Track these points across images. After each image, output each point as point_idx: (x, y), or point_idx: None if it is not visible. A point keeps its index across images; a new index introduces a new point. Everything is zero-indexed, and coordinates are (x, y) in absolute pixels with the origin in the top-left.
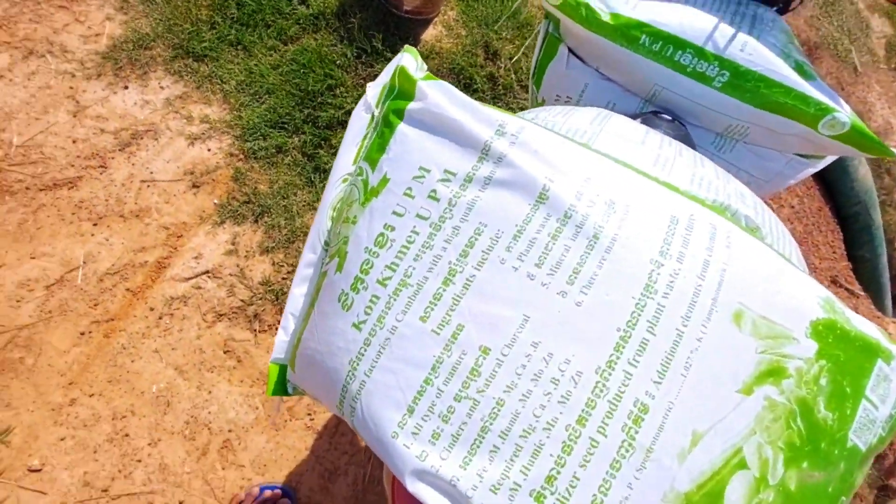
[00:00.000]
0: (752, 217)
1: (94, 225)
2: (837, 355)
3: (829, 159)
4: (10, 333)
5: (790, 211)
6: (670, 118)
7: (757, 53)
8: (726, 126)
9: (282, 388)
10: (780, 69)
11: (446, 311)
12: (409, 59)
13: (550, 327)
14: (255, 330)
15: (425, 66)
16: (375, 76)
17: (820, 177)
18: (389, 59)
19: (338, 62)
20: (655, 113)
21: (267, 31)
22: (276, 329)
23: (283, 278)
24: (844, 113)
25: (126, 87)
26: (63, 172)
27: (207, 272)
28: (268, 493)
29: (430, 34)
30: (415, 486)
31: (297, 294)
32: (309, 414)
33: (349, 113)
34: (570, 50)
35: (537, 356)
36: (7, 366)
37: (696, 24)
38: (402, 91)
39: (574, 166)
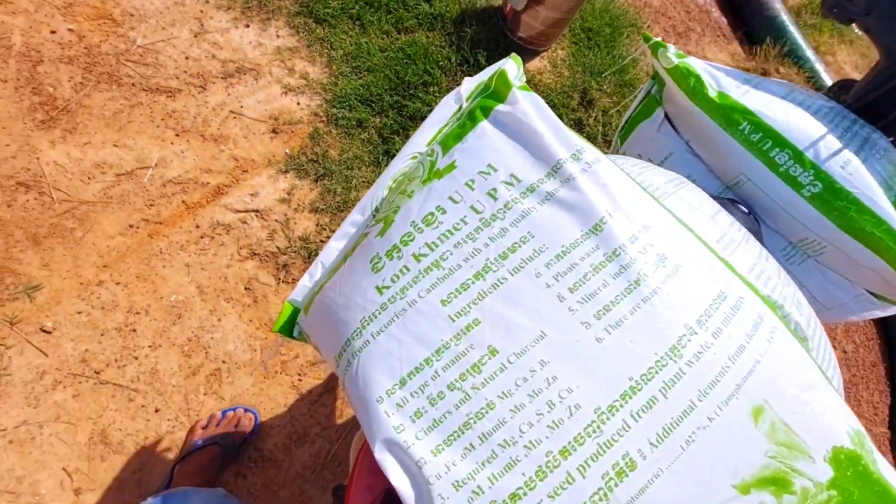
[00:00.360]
0: (803, 326)
1: (177, 136)
2: (851, 492)
3: None
4: (72, 204)
5: (841, 355)
6: (746, 211)
7: (858, 175)
8: (802, 238)
9: (288, 328)
10: (877, 198)
11: (468, 303)
12: (511, 66)
13: (564, 352)
14: (279, 278)
15: (524, 78)
16: None
17: (884, 328)
18: None
19: (440, 63)
20: (733, 201)
21: (387, 17)
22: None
23: (322, 240)
24: None
25: (247, 26)
26: (168, 81)
27: (257, 211)
28: (230, 414)
29: (534, 65)
30: (382, 455)
31: (334, 247)
32: (299, 374)
33: None
34: (666, 115)
35: (541, 375)
36: (59, 231)
37: (802, 127)
38: (495, 91)
39: (637, 211)
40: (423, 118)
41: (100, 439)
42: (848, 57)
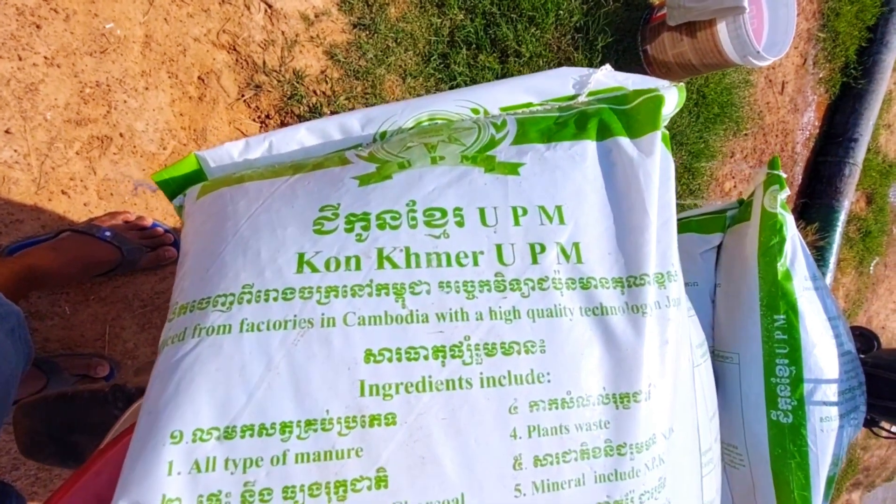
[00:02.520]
0: None
1: None
2: None
3: None
4: None
5: None
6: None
7: (825, 436)
8: (732, 443)
9: (174, 186)
10: (822, 466)
11: (401, 382)
12: (672, 96)
13: None
14: (243, 96)
15: (667, 120)
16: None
17: None
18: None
19: (560, 11)
20: None
21: None
22: (258, 118)
23: (316, 91)
24: None
25: None
26: None
27: (269, 5)
28: (158, 229)
29: None
30: None
31: (299, 138)
32: None
33: (530, 60)
34: (719, 244)
35: None
36: None
37: (821, 361)
38: (633, 116)
39: (674, 399)
40: (503, 54)
41: None
42: (852, 284)
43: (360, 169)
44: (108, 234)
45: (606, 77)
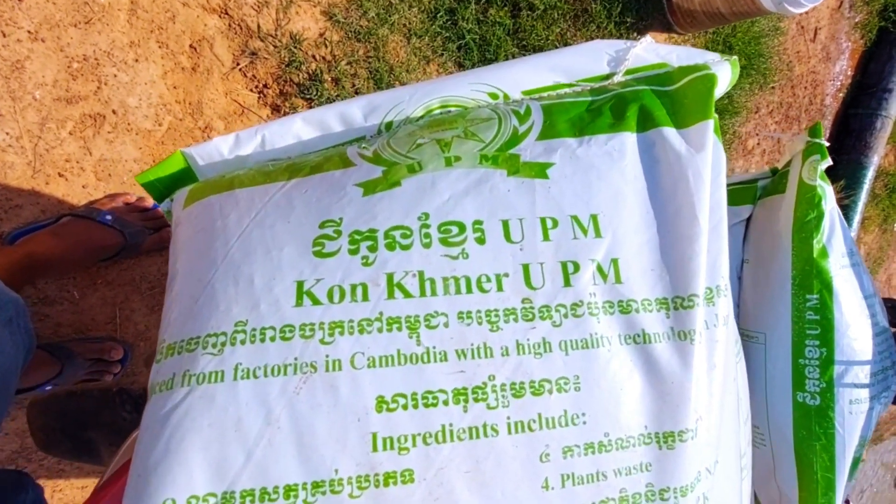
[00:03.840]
0: None
1: None
2: None
3: None
4: None
5: None
6: None
7: (854, 418)
8: (754, 424)
9: (160, 188)
10: (848, 448)
11: (418, 433)
12: (725, 72)
13: None
14: (238, 63)
15: (717, 98)
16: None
17: None
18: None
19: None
20: None
21: None
22: (255, 88)
23: (315, 56)
24: None
25: None
26: None
27: None
28: (159, 210)
29: (658, 38)
30: None
31: (295, 130)
32: None
33: (545, 13)
34: (749, 217)
35: None
36: None
37: (854, 342)
38: (679, 101)
39: (720, 431)
40: (515, 7)
41: None
42: (874, 242)
43: (365, 173)
44: (108, 217)
45: (647, 51)
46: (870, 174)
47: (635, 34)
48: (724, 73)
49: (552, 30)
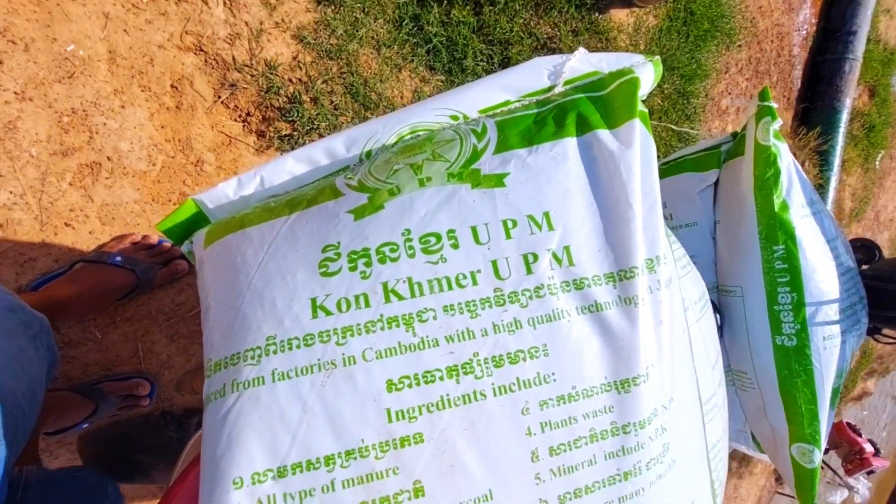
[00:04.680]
0: None
1: None
2: None
3: None
4: None
5: None
6: (719, 324)
7: (828, 352)
8: (741, 369)
9: (179, 233)
10: (826, 381)
11: (423, 404)
12: (648, 73)
13: None
14: (219, 97)
15: (645, 97)
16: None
17: None
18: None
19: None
20: (714, 306)
21: None
22: (239, 117)
23: (291, 79)
24: None
25: None
26: None
27: None
28: (166, 244)
29: (620, 18)
30: None
31: (289, 168)
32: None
33: (506, 6)
34: (717, 181)
35: None
36: None
37: (822, 284)
38: (609, 104)
39: (673, 372)
40: (476, 4)
41: None
42: (857, 182)
43: (353, 201)
44: (119, 259)
45: (581, 62)
46: (844, 117)
47: (596, 14)
48: (647, 73)
49: (515, 21)
